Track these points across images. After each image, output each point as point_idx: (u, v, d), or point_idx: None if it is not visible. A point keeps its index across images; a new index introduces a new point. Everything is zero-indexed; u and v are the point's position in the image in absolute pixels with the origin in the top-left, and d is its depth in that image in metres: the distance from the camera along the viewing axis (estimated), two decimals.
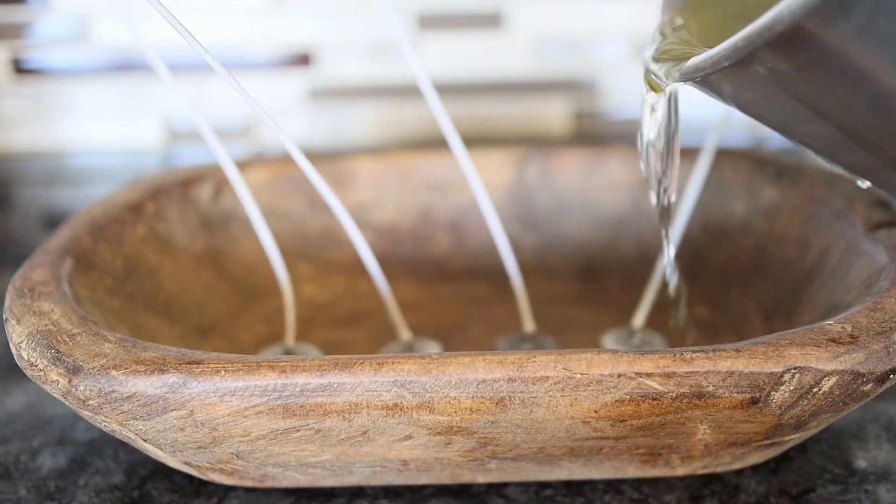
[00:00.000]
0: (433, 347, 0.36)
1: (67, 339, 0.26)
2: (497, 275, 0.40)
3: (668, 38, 0.27)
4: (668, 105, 0.29)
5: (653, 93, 0.28)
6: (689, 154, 0.40)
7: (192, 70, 0.59)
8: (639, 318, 0.36)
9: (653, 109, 0.28)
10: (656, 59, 0.27)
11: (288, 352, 0.35)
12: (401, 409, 0.25)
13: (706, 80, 0.24)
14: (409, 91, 0.60)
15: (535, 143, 0.51)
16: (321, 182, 0.31)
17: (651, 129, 0.29)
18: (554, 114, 0.61)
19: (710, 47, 0.23)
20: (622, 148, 0.41)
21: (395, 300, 0.35)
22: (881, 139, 0.23)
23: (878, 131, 0.23)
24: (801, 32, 0.19)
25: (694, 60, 0.23)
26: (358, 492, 0.28)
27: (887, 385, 0.25)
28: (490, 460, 0.27)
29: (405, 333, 0.35)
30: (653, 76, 0.27)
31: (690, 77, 0.24)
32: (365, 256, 0.33)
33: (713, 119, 0.37)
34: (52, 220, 0.51)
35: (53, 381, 0.25)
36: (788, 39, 0.19)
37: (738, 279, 0.38)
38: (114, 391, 0.24)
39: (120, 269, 0.33)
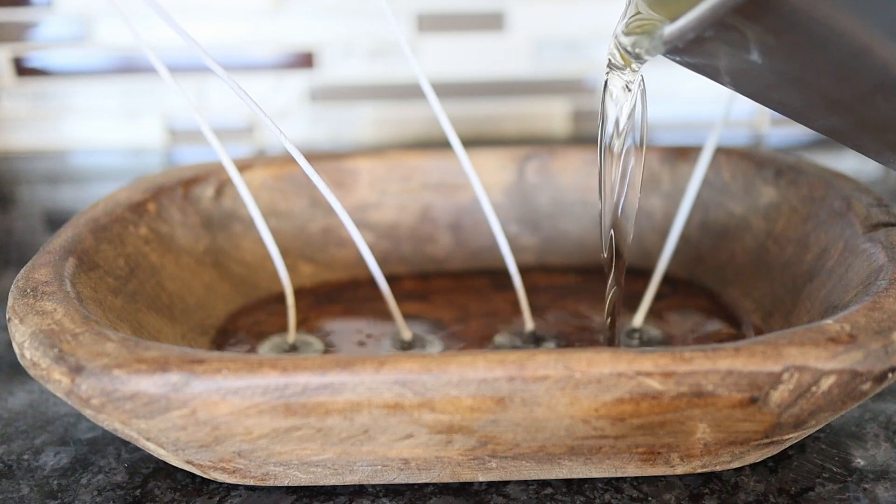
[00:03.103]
0: (434, 346, 0.36)
1: (70, 339, 0.26)
2: (497, 275, 0.40)
3: (639, 11, 0.27)
4: (639, 86, 0.28)
5: (620, 71, 0.28)
6: (688, 153, 0.41)
7: (194, 70, 0.59)
8: (639, 317, 0.36)
9: (627, 88, 0.28)
10: (627, 33, 0.27)
11: (290, 348, 0.35)
12: (402, 408, 0.25)
13: (677, 49, 0.24)
14: (410, 91, 0.60)
15: (535, 143, 0.51)
16: (322, 184, 0.31)
17: (621, 113, 0.29)
18: (554, 114, 0.61)
19: (676, 18, 0.23)
20: None
21: (396, 299, 0.35)
22: (850, 102, 0.24)
23: (847, 94, 0.23)
24: None
25: (663, 31, 0.23)
26: (359, 490, 0.28)
27: (886, 384, 0.26)
28: (490, 459, 0.27)
29: (406, 333, 0.36)
30: (623, 50, 0.27)
31: (660, 49, 0.24)
32: (367, 257, 0.33)
33: (712, 118, 0.37)
34: (55, 220, 0.51)
35: (56, 380, 0.25)
36: (754, 3, 0.20)
37: (736, 279, 0.38)
38: (116, 390, 0.25)
39: (122, 268, 0.33)
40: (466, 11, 0.58)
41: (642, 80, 0.28)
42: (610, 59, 0.28)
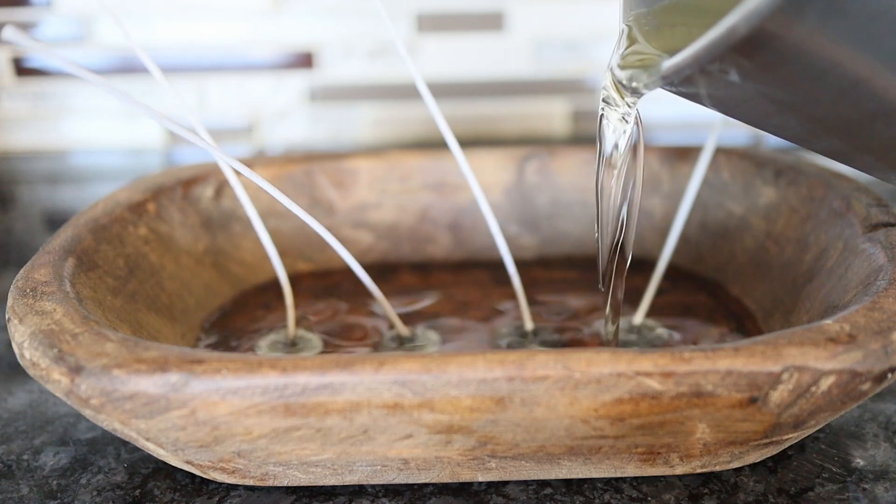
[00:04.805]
0: (433, 343, 0.36)
1: (70, 339, 0.26)
2: (497, 269, 0.40)
3: (634, 43, 0.28)
4: (635, 119, 0.29)
5: (618, 103, 0.28)
6: (688, 153, 0.41)
7: (193, 71, 0.59)
8: (639, 316, 0.36)
9: (624, 119, 0.28)
10: (623, 67, 0.27)
11: (289, 344, 0.35)
12: (401, 408, 0.25)
13: (672, 83, 0.24)
14: (410, 92, 0.60)
15: (535, 143, 0.51)
16: (284, 197, 0.31)
17: (620, 142, 0.29)
18: (554, 114, 0.61)
19: (671, 51, 0.23)
20: None
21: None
22: (848, 127, 0.24)
23: (845, 120, 0.23)
24: (762, 34, 0.19)
25: (661, 66, 0.24)
26: (359, 490, 0.28)
27: (885, 384, 0.26)
28: (490, 459, 0.27)
29: (404, 331, 0.36)
30: (619, 84, 0.27)
31: (658, 84, 0.25)
32: (355, 268, 0.33)
33: (712, 118, 0.37)
34: (55, 220, 0.51)
35: (56, 380, 0.25)
36: (750, 41, 0.20)
37: (736, 279, 0.38)
38: (116, 390, 0.25)
39: (122, 268, 0.33)
40: (466, 11, 0.58)
41: (638, 113, 0.28)
42: (604, 94, 0.28)
